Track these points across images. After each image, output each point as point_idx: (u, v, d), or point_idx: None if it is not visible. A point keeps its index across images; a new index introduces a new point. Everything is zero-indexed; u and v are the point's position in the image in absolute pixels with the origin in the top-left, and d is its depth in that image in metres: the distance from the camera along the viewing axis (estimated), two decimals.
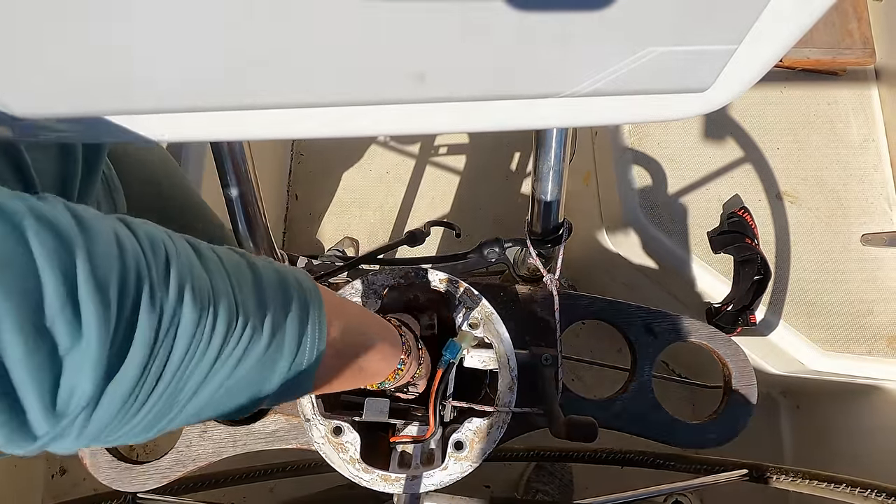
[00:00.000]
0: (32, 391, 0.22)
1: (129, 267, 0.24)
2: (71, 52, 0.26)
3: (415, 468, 0.50)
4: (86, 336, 0.22)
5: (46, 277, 0.21)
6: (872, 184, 1.04)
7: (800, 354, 0.95)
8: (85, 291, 0.22)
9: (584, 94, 0.31)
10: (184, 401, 0.28)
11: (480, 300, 0.53)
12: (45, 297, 0.21)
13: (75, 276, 0.22)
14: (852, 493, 0.57)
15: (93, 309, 0.22)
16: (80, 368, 0.22)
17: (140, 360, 0.25)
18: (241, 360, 0.29)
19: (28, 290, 0.21)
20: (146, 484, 0.54)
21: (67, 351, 0.22)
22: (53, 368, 0.22)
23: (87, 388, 0.23)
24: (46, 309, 0.21)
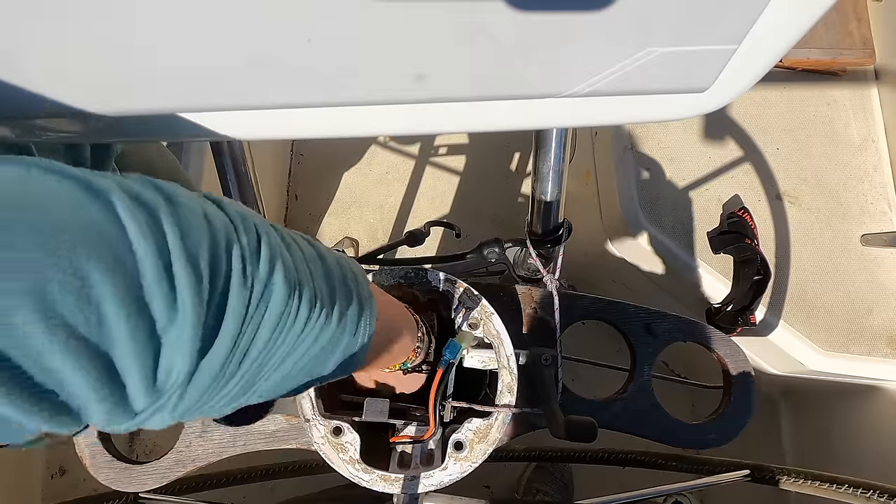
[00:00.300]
0: (136, 369, 0.21)
1: (218, 241, 0.24)
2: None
3: (414, 468, 0.50)
4: (181, 311, 0.22)
5: (141, 252, 0.21)
6: (872, 184, 1.04)
7: (800, 355, 0.95)
8: (179, 265, 0.22)
9: (583, 94, 0.31)
10: (265, 376, 0.28)
11: (480, 300, 0.53)
12: (142, 273, 0.21)
13: (168, 251, 0.22)
14: (854, 493, 0.57)
15: (186, 282, 0.22)
16: (178, 344, 0.22)
17: (231, 335, 0.24)
18: (316, 339, 0.29)
19: (126, 266, 0.21)
20: (146, 484, 0.54)
21: (165, 327, 0.22)
22: (153, 345, 0.22)
23: (185, 363, 0.23)
24: (144, 285, 0.21)
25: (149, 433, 1.30)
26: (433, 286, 0.53)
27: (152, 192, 0.23)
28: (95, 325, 0.20)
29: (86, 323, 0.19)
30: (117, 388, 0.21)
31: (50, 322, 0.18)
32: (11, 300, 0.18)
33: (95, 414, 0.21)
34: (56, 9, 0.23)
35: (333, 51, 0.27)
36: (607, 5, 0.26)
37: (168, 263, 0.22)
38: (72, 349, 0.19)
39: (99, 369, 0.20)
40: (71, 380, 0.20)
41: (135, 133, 0.33)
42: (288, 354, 0.28)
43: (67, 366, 0.19)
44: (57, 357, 0.19)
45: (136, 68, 0.27)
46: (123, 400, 0.22)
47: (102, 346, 0.20)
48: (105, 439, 0.55)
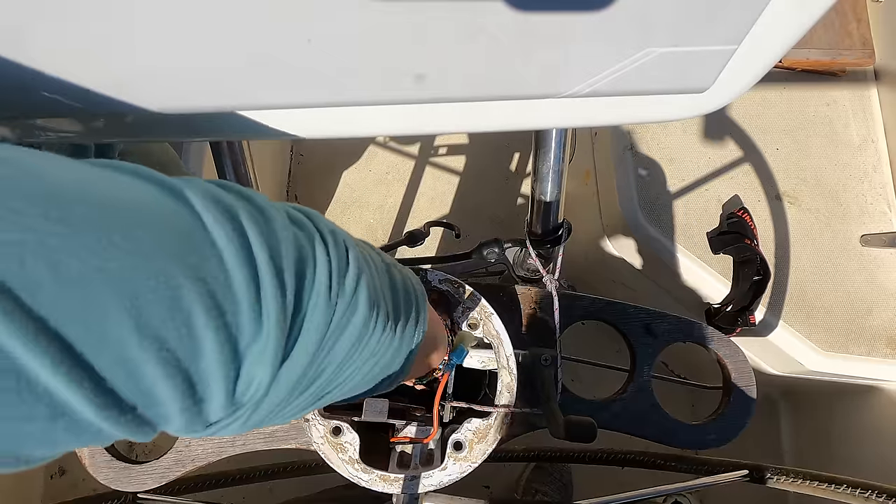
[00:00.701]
0: (219, 382, 0.21)
1: (305, 255, 0.24)
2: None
3: (414, 468, 0.50)
4: (265, 325, 0.22)
5: (230, 262, 0.20)
6: (872, 184, 1.04)
7: (799, 355, 0.95)
8: (266, 279, 0.21)
9: (583, 94, 0.31)
10: (334, 389, 0.28)
11: (480, 300, 0.53)
12: (231, 286, 0.20)
13: (255, 263, 0.21)
14: (853, 494, 0.57)
15: (272, 297, 0.22)
16: (261, 359, 0.22)
17: (311, 351, 0.24)
18: (384, 354, 0.29)
19: (215, 277, 0.20)
20: (145, 484, 0.54)
21: (249, 342, 0.21)
22: (237, 358, 0.21)
23: (266, 378, 0.22)
24: (232, 296, 0.20)
25: None
26: (432, 286, 0.53)
27: (239, 201, 0.23)
28: (186, 337, 0.19)
29: (176, 334, 0.19)
30: (200, 399, 0.21)
31: (143, 332, 0.18)
32: (105, 308, 0.17)
33: (174, 423, 0.21)
34: (58, 8, 0.23)
35: (333, 51, 0.27)
36: (607, 6, 0.26)
37: (255, 276, 0.21)
38: (162, 360, 0.19)
39: (186, 381, 0.20)
40: (159, 390, 0.19)
41: (134, 133, 0.33)
42: (358, 369, 0.28)
43: (158, 376, 0.19)
44: (148, 367, 0.19)
45: (134, 68, 0.27)
46: (203, 411, 0.21)
47: (190, 357, 0.20)
48: None
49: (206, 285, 0.20)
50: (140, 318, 0.18)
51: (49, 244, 0.16)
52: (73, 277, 0.17)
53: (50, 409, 0.17)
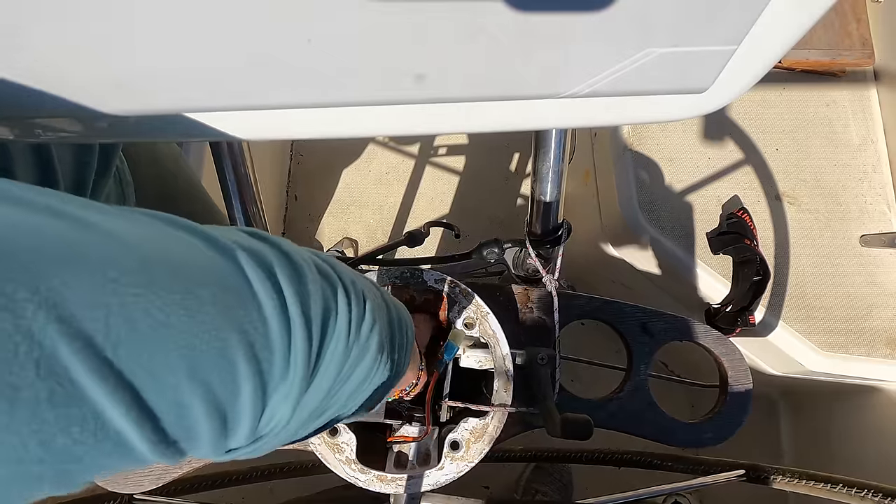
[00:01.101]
0: (248, 419, 0.23)
1: (330, 307, 0.27)
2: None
3: (411, 468, 0.50)
4: (292, 370, 0.24)
5: (269, 315, 0.23)
6: (871, 185, 1.04)
7: (799, 355, 0.95)
8: (297, 329, 0.24)
9: (583, 94, 0.31)
10: (336, 417, 0.31)
11: (476, 300, 0.52)
12: (269, 335, 0.23)
13: (289, 315, 0.24)
14: (849, 493, 0.57)
15: (301, 346, 0.24)
16: (286, 399, 0.25)
17: (325, 391, 0.27)
18: (381, 385, 0.33)
19: (255, 327, 0.23)
20: (142, 485, 0.54)
21: (278, 384, 0.24)
22: (265, 398, 0.24)
23: (286, 416, 0.25)
24: (269, 346, 0.23)
25: None
26: (429, 286, 0.53)
27: (275, 255, 0.25)
28: (229, 383, 0.22)
29: (220, 380, 0.21)
30: (229, 432, 0.23)
31: (194, 378, 0.20)
32: (167, 358, 0.20)
33: (201, 451, 0.23)
34: (57, 7, 0.23)
35: (333, 51, 0.27)
36: (607, 6, 0.26)
37: (288, 327, 0.24)
38: (206, 401, 0.21)
39: (222, 419, 0.22)
40: (200, 427, 0.22)
41: (134, 133, 0.33)
42: (360, 398, 0.31)
43: (200, 415, 0.21)
44: (194, 408, 0.21)
45: (135, 68, 0.27)
46: (226, 439, 0.24)
47: (229, 399, 0.22)
48: None
49: (248, 336, 0.22)
50: (193, 366, 0.20)
51: (128, 304, 0.19)
52: (145, 333, 0.19)
53: (116, 447, 0.19)
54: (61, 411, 0.17)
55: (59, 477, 0.18)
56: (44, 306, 0.17)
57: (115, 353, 0.18)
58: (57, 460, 0.18)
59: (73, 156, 0.45)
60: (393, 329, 0.33)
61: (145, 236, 0.22)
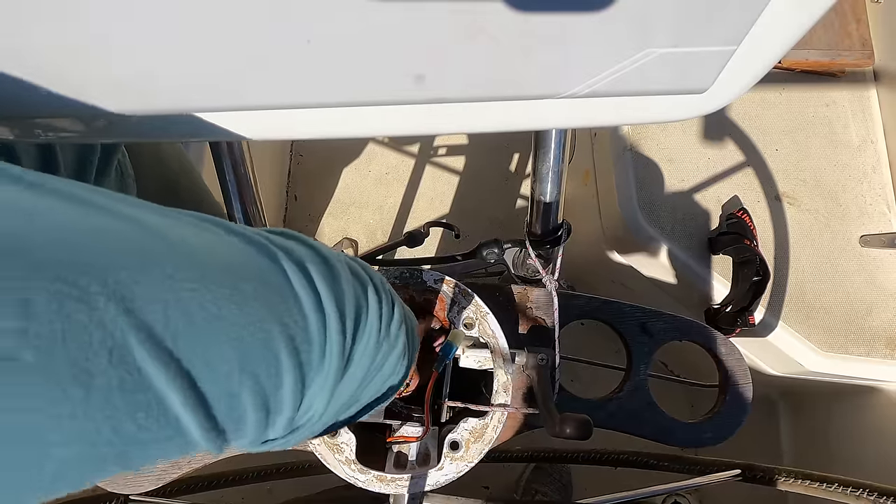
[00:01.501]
0: (288, 409, 0.25)
1: (362, 304, 0.28)
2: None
3: (411, 468, 0.50)
4: (327, 363, 0.25)
5: (307, 310, 0.24)
6: (871, 185, 1.04)
7: (798, 356, 0.95)
8: (332, 324, 0.25)
9: (583, 95, 0.31)
10: (358, 412, 0.32)
11: (476, 300, 0.52)
12: (308, 328, 0.24)
13: (324, 310, 0.25)
14: (845, 492, 0.57)
15: (336, 339, 0.26)
16: (321, 392, 0.26)
17: (356, 384, 0.28)
18: (397, 377, 0.33)
19: (296, 320, 0.24)
20: (142, 486, 0.54)
21: (314, 376, 0.25)
22: (304, 390, 0.25)
23: (321, 407, 0.26)
24: (308, 339, 0.24)
25: None
26: (428, 286, 0.53)
27: (310, 254, 0.26)
28: (273, 374, 0.23)
29: (266, 371, 0.23)
30: (270, 423, 0.24)
31: (244, 368, 0.22)
32: (220, 349, 0.21)
33: (244, 440, 0.24)
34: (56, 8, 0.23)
35: (333, 51, 0.27)
36: (606, 6, 0.26)
37: (324, 321, 0.25)
38: (253, 391, 0.22)
39: (265, 408, 0.23)
40: (247, 416, 0.23)
41: (134, 133, 0.33)
42: (380, 395, 0.33)
43: (248, 405, 0.22)
44: (243, 397, 0.22)
45: (135, 69, 0.27)
46: (268, 431, 0.25)
47: (273, 389, 0.23)
48: None
49: (288, 329, 0.23)
50: (243, 357, 0.22)
51: (184, 299, 0.20)
52: (201, 325, 0.20)
53: (176, 433, 0.20)
54: (130, 397, 0.18)
55: (121, 459, 0.19)
56: (113, 299, 0.18)
57: (174, 344, 0.19)
58: (124, 443, 0.19)
59: (75, 154, 0.45)
60: (409, 337, 0.34)
61: (188, 233, 0.23)
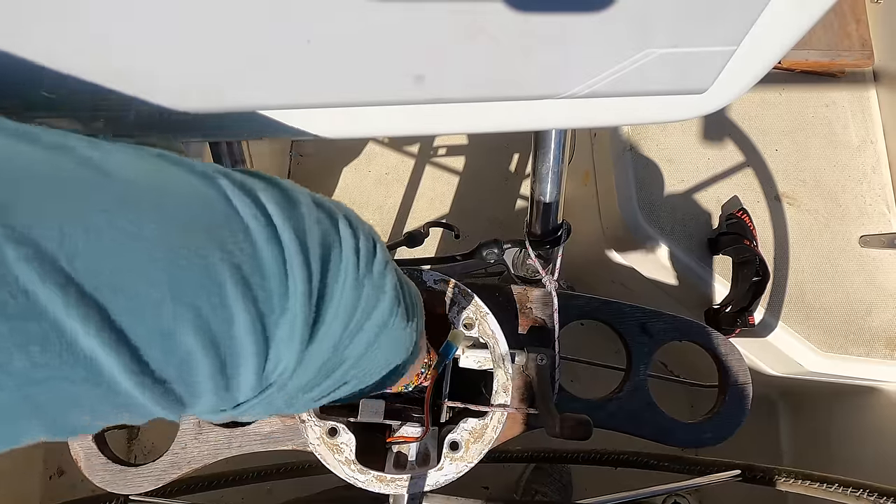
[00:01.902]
0: (250, 357, 0.21)
1: (331, 240, 0.24)
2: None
3: (410, 469, 0.50)
4: (292, 301, 0.22)
5: (258, 239, 0.21)
6: (871, 185, 1.04)
7: (798, 356, 0.95)
8: (293, 256, 0.22)
9: (583, 95, 0.31)
10: (355, 377, 0.28)
11: (476, 300, 0.52)
12: (260, 259, 0.21)
13: (280, 240, 0.22)
14: (845, 492, 0.57)
15: (298, 271, 0.22)
16: (290, 339, 0.22)
17: (337, 334, 0.24)
18: (399, 345, 0.29)
19: (243, 249, 0.20)
20: (141, 486, 0.54)
21: (277, 320, 0.22)
22: (266, 335, 0.21)
23: (292, 358, 0.23)
24: (260, 271, 0.21)
25: (147, 434, 1.30)
26: (428, 286, 0.53)
27: (265, 186, 0.23)
28: (219, 308, 0.19)
29: (209, 304, 0.19)
30: (231, 375, 0.21)
31: (177, 299, 0.18)
32: (140, 274, 0.18)
33: (204, 401, 0.21)
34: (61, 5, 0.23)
35: (332, 52, 0.27)
36: (606, 6, 0.26)
37: (281, 252, 0.22)
38: (196, 329, 0.19)
39: (217, 354, 0.20)
40: (193, 361, 0.19)
41: (134, 133, 0.33)
42: (379, 356, 0.28)
43: (192, 346, 0.19)
44: (183, 336, 0.19)
45: (135, 68, 0.27)
46: (233, 388, 0.22)
47: (223, 329, 0.20)
48: (100, 441, 0.55)
49: (235, 258, 0.20)
50: (175, 286, 0.18)
51: (88, 215, 0.17)
52: (109, 245, 0.17)
53: (89, 374, 0.17)
54: (16, 325, 0.15)
55: (31, 409, 0.17)
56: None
57: (71, 264, 0.16)
58: (19, 384, 0.16)
59: None
60: (405, 289, 0.30)
61: (119, 161, 0.20)
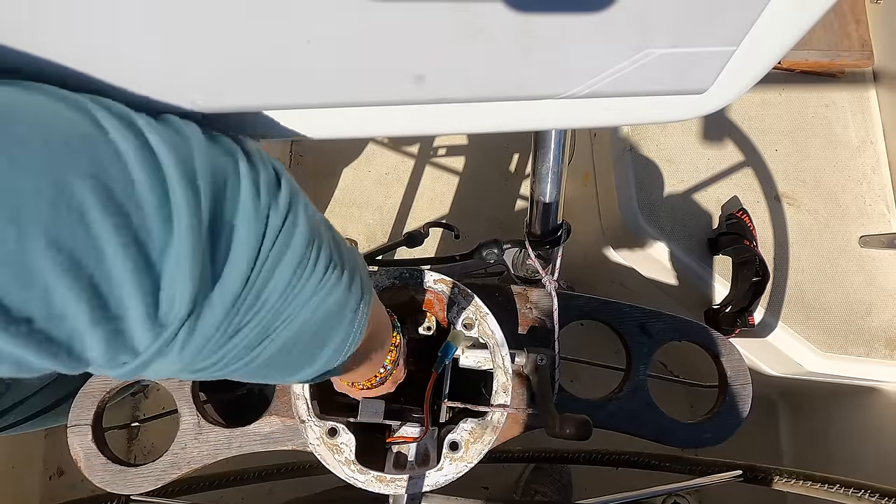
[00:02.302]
0: (133, 292, 0.19)
1: (221, 164, 0.22)
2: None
3: (410, 469, 0.50)
4: (176, 229, 0.20)
5: (131, 163, 0.19)
6: (871, 186, 1.04)
7: (798, 356, 0.95)
8: (174, 181, 0.20)
9: (582, 95, 0.31)
10: (280, 327, 0.26)
11: (476, 300, 0.52)
12: (134, 183, 0.19)
13: (160, 164, 0.20)
14: (846, 493, 0.57)
15: (181, 195, 0.20)
16: (178, 269, 0.20)
17: (243, 269, 0.23)
18: (329, 296, 0.27)
19: (112, 174, 0.19)
20: (141, 486, 0.54)
21: (162, 249, 0.20)
22: (151, 266, 0.20)
23: (186, 291, 0.21)
24: (134, 195, 0.19)
25: (147, 435, 1.30)
26: (428, 286, 0.53)
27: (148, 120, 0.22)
28: (82, 235, 0.18)
29: (70, 231, 0.17)
30: (115, 316, 0.19)
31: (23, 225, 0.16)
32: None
33: (93, 347, 0.19)
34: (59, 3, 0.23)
35: (332, 51, 0.27)
36: (606, 6, 0.26)
37: (161, 178, 0.20)
38: (53, 258, 0.17)
39: (89, 286, 0.18)
40: (58, 296, 0.17)
41: None
42: (304, 305, 0.26)
43: (51, 276, 0.17)
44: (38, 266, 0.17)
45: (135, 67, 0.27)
46: (123, 331, 0.20)
47: (90, 258, 0.18)
48: (100, 441, 0.55)
49: (100, 181, 0.18)
50: (20, 211, 0.16)
51: None
52: None
53: None
54: None
55: None
56: None
57: None
58: None
59: None
60: (341, 249, 0.29)
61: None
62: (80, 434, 0.54)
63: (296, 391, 0.50)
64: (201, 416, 0.55)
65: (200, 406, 0.56)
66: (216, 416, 0.57)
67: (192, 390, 0.56)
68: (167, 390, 0.56)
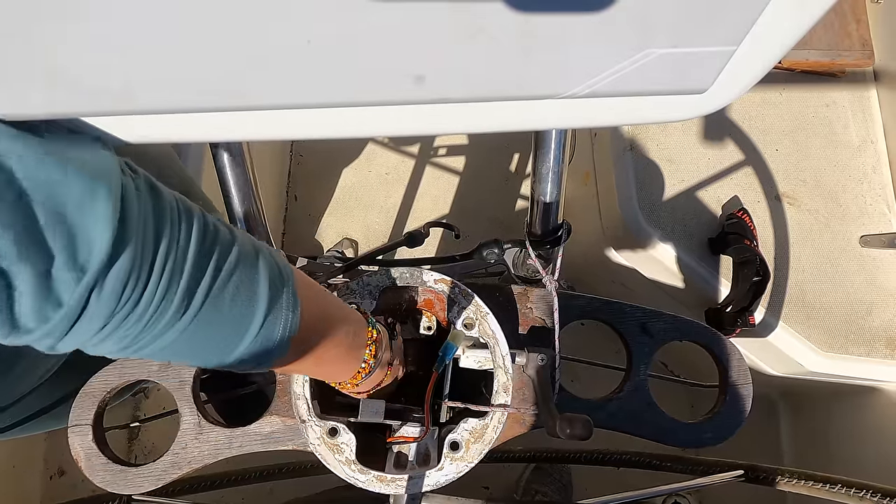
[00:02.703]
0: (60, 243, 0.22)
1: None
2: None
3: (411, 469, 0.50)
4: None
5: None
6: (871, 185, 1.04)
7: (798, 356, 0.95)
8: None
9: (583, 95, 0.31)
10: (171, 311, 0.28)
11: (476, 300, 0.52)
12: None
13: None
14: (847, 493, 0.57)
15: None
16: (95, 217, 0.23)
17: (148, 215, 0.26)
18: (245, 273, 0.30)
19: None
20: (142, 486, 0.54)
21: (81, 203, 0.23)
22: (70, 222, 0.22)
23: (104, 237, 0.23)
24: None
25: (148, 434, 1.30)
26: (428, 286, 0.53)
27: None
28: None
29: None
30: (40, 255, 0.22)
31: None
32: None
33: (24, 289, 0.22)
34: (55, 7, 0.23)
35: (332, 51, 0.27)
36: (606, 6, 0.26)
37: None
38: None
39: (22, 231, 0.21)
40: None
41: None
42: (234, 287, 0.30)
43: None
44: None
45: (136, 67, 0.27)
46: (48, 271, 0.22)
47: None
48: (100, 441, 0.55)
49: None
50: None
51: None
52: None
53: None
54: None
55: None
56: None
57: None
58: None
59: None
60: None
61: None
62: (81, 434, 0.54)
63: (296, 391, 0.50)
64: (202, 416, 0.55)
65: (201, 406, 0.56)
66: (217, 416, 0.57)
67: (193, 390, 0.56)
68: (167, 390, 0.56)
